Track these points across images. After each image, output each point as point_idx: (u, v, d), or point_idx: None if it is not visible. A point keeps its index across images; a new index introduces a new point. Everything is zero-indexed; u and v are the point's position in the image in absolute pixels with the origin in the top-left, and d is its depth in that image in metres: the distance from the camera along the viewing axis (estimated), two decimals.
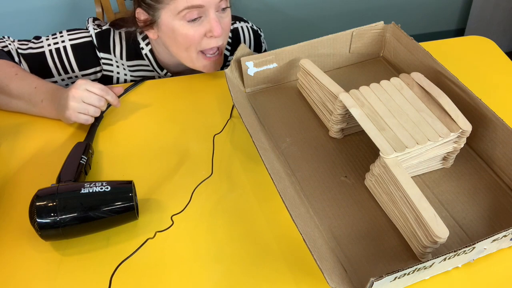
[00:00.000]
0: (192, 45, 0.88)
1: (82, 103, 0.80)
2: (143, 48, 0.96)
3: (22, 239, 0.69)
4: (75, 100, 0.80)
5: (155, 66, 0.98)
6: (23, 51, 0.93)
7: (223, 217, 0.71)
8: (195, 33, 0.86)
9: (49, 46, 0.93)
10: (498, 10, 2.11)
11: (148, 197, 0.74)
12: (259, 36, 1.09)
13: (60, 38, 0.94)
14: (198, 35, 0.87)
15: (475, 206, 0.71)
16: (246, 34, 1.07)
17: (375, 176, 0.70)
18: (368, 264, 0.64)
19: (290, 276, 0.64)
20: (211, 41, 0.88)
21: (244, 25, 1.07)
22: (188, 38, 0.87)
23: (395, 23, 0.93)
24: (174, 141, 0.84)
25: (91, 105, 0.81)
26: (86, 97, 0.80)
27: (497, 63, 1.00)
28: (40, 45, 0.93)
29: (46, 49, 0.93)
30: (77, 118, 0.81)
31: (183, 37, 0.87)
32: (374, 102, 0.75)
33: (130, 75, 0.99)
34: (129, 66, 0.98)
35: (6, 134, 0.85)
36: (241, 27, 1.06)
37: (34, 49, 0.93)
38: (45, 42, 0.94)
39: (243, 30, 1.06)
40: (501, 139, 0.72)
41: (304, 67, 0.85)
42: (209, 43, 0.89)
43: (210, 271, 0.65)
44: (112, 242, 0.69)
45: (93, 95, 0.81)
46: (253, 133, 0.74)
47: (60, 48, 0.93)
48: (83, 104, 0.80)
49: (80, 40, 0.94)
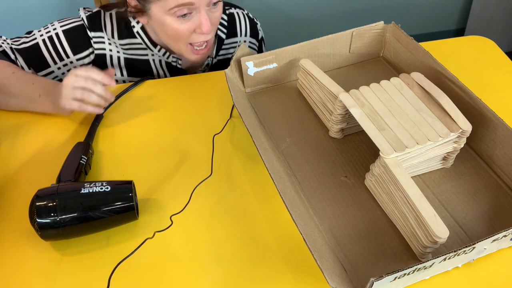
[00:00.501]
0: (181, 38, 0.90)
1: (73, 89, 0.79)
2: (134, 26, 0.96)
3: (22, 239, 0.69)
4: (66, 87, 0.79)
5: (148, 43, 0.98)
6: (17, 46, 0.93)
7: (223, 217, 0.71)
8: (185, 29, 0.87)
9: (41, 36, 0.94)
10: (498, 10, 2.11)
11: (148, 197, 0.74)
12: (256, 24, 1.11)
13: (51, 27, 0.95)
14: (187, 31, 0.88)
15: (475, 206, 0.71)
16: (242, 20, 1.08)
17: (375, 176, 0.70)
18: (368, 264, 0.64)
19: (290, 276, 0.64)
20: (200, 36, 0.90)
21: (240, 11, 1.09)
22: (178, 33, 0.88)
23: (395, 23, 0.93)
24: (174, 141, 0.84)
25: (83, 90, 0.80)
26: (75, 80, 0.79)
27: (497, 63, 1.00)
28: (32, 37, 0.94)
29: (39, 40, 0.93)
30: (70, 105, 0.80)
31: (173, 31, 0.88)
32: (374, 102, 0.75)
33: (123, 53, 0.99)
34: (122, 45, 0.98)
35: (6, 134, 0.85)
36: (236, 12, 1.08)
37: (27, 42, 0.94)
38: (37, 34, 0.94)
39: (238, 15, 1.08)
40: (501, 139, 0.72)
41: (304, 67, 0.85)
42: (198, 38, 0.90)
43: (209, 271, 0.65)
44: (112, 242, 0.69)
45: (81, 79, 0.79)
46: (253, 133, 0.74)
47: (53, 35, 0.93)
48: (74, 89, 0.79)
49: (71, 25, 0.95)
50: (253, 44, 1.12)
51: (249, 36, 1.10)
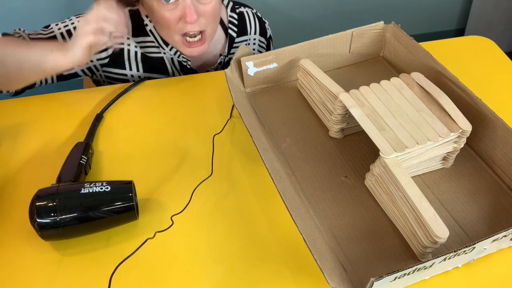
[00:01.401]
0: (170, 26, 0.90)
1: (87, 26, 0.77)
2: (147, 25, 0.97)
3: (22, 239, 0.69)
4: (80, 30, 0.77)
5: (160, 42, 0.99)
6: (34, 36, 0.93)
7: (223, 217, 0.71)
8: (171, 16, 0.88)
9: (59, 30, 0.93)
10: (498, 10, 2.11)
11: (148, 197, 0.74)
12: (264, 23, 1.12)
13: (69, 21, 0.94)
14: (174, 19, 0.88)
15: (475, 206, 0.71)
16: (251, 18, 1.09)
17: (375, 176, 0.70)
18: (368, 264, 0.64)
19: (290, 276, 0.64)
20: (186, 26, 0.90)
21: (249, 10, 1.10)
22: (164, 20, 0.89)
23: (395, 23, 0.93)
24: (174, 141, 0.84)
25: (95, 30, 0.78)
26: (86, 23, 0.77)
27: (497, 63, 1.00)
28: (50, 31, 0.93)
29: (57, 33, 0.93)
30: (86, 42, 0.77)
31: (161, 18, 0.89)
32: (374, 102, 0.75)
33: (140, 48, 0.99)
34: (137, 42, 0.99)
35: (6, 134, 0.85)
36: (246, 11, 1.09)
37: (45, 35, 0.93)
38: (55, 27, 0.94)
39: (248, 14, 1.09)
40: (501, 139, 0.72)
41: (304, 67, 0.85)
42: (185, 27, 0.90)
43: (210, 272, 0.65)
44: (112, 242, 0.69)
45: (92, 21, 0.77)
46: (253, 133, 0.74)
47: (71, 29, 0.93)
48: (88, 27, 0.77)
49: None
50: (262, 42, 1.13)
51: (259, 34, 1.11)
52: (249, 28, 1.09)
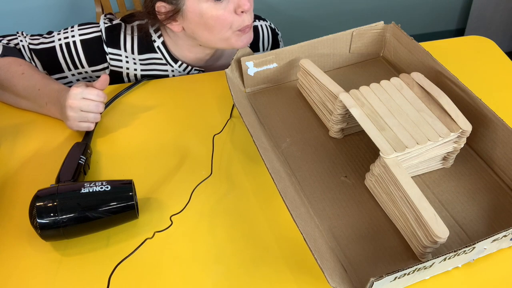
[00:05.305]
0: (224, 26, 0.87)
1: (81, 112, 0.80)
2: (155, 41, 0.96)
3: (22, 239, 0.69)
4: (73, 110, 0.79)
5: (168, 59, 0.97)
6: (34, 46, 0.93)
7: (223, 217, 0.71)
8: (225, 12, 0.85)
9: (59, 40, 0.93)
10: (498, 10, 2.11)
11: (147, 197, 0.74)
12: (277, 35, 1.11)
13: (71, 32, 0.94)
14: (228, 13, 0.86)
15: (475, 206, 0.71)
16: (265, 33, 1.08)
17: (375, 176, 0.70)
18: (368, 264, 0.64)
19: (290, 276, 0.64)
20: (243, 18, 0.87)
21: (264, 24, 1.08)
22: (219, 19, 0.86)
23: (395, 23, 0.93)
24: (174, 141, 0.84)
25: (90, 112, 0.80)
26: (84, 105, 0.79)
27: (497, 63, 1.00)
28: (51, 39, 0.93)
29: (56, 44, 0.93)
30: (78, 127, 0.81)
31: (214, 19, 0.86)
32: (374, 102, 0.75)
33: (141, 69, 0.98)
34: (141, 60, 0.97)
35: (6, 134, 0.85)
36: (260, 25, 1.08)
37: (45, 43, 0.93)
38: (56, 36, 0.94)
39: (262, 28, 1.08)
40: (501, 139, 0.72)
41: (304, 67, 0.85)
42: (243, 21, 0.88)
43: (209, 272, 0.65)
44: (112, 242, 0.69)
45: (91, 102, 0.80)
46: (253, 133, 0.74)
47: (70, 43, 0.93)
48: (81, 113, 0.80)
49: (90, 36, 0.94)
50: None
51: (270, 48, 1.10)
52: (262, 44, 1.08)
